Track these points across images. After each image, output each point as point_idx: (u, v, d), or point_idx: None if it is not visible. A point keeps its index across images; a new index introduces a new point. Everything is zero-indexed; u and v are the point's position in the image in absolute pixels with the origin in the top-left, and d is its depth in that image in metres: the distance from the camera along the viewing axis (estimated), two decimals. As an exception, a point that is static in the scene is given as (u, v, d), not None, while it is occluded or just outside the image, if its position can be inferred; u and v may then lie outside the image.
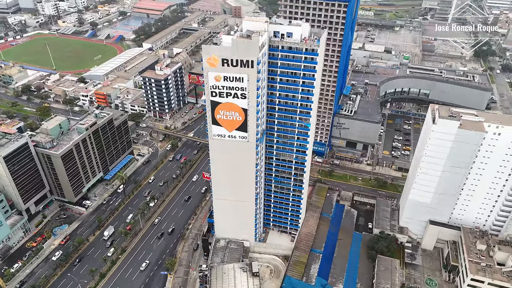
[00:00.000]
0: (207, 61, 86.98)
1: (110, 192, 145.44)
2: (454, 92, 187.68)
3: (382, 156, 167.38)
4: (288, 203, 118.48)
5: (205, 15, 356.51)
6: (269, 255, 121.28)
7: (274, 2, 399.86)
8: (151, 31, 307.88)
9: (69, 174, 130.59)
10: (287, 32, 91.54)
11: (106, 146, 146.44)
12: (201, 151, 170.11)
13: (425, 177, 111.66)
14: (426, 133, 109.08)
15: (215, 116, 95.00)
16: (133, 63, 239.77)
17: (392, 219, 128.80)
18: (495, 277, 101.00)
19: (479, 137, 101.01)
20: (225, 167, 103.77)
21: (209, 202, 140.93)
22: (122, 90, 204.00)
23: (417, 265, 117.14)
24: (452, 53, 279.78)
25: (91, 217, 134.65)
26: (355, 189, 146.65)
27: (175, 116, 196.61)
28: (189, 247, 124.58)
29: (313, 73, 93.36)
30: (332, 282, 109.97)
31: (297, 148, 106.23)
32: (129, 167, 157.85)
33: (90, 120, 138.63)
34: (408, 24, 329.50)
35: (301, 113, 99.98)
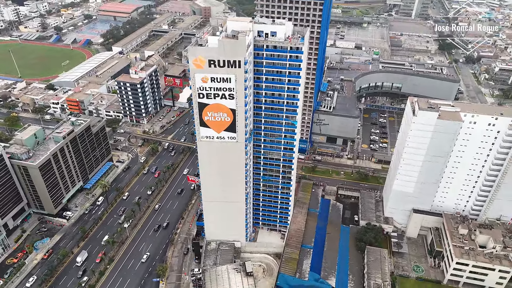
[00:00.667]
0: (193, 62, 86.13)
1: (92, 202, 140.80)
2: (425, 85, 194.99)
3: (361, 150, 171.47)
4: (277, 201, 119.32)
5: (174, 16, 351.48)
6: (261, 254, 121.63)
7: (242, 2, 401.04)
8: (120, 34, 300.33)
9: (48, 185, 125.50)
10: (271, 31, 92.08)
11: (84, 154, 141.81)
12: (183, 154, 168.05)
13: (408, 167, 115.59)
14: (406, 125, 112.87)
15: (203, 118, 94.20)
16: (104, 67, 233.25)
17: (377, 210, 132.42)
18: (478, 259, 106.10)
19: (456, 127, 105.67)
20: (214, 168, 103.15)
21: (195, 205, 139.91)
22: (95, 96, 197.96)
23: (403, 253, 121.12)
24: (418, 47, 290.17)
25: (74, 228, 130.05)
26: (339, 184, 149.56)
27: (152, 120, 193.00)
28: (179, 252, 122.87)
29: (299, 71, 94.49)
30: (325, 276, 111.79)
31: (285, 145, 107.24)
32: (109, 174, 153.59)
33: (67, 128, 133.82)
34: (375, 20, 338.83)
35: (287, 111, 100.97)
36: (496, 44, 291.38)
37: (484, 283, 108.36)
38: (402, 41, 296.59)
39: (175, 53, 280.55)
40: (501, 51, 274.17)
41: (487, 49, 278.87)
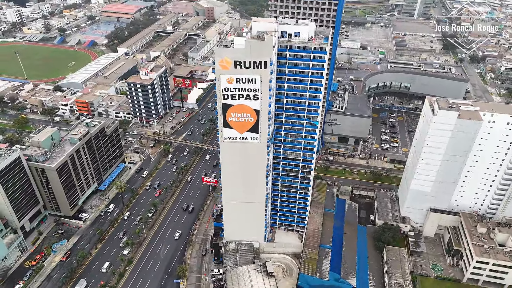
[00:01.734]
0: (219, 63, 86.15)
1: (107, 203, 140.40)
2: (434, 84, 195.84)
3: (372, 150, 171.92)
4: (295, 201, 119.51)
5: (178, 17, 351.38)
6: (279, 254, 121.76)
7: (244, 3, 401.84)
8: (125, 35, 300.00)
9: (64, 187, 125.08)
10: (294, 31, 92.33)
11: (99, 155, 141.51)
12: (195, 155, 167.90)
13: (426, 166, 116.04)
14: (425, 124, 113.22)
15: (226, 118, 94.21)
16: (111, 69, 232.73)
17: (393, 209, 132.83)
18: (499, 257, 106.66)
19: (476, 126, 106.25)
20: (236, 169, 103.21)
21: (210, 206, 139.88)
22: (104, 97, 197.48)
23: (421, 252, 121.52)
24: (422, 47, 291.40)
25: (90, 229, 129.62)
26: (352, 183, 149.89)
27: (162, 121, 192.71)
28: (197, 253, 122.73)
29: (322, 71, 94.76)
30: (345, 276, 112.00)
31: (305, 146, 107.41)
32: (122, 176, 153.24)
33: (82, 130, 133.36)
34: (379, 20, 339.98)
35: (309, 111, 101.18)
36: (500, 43, 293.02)
37: (504, 281, 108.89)
38: (406, 41, 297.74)
39: (180, 53, 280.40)
40: (505, 50, 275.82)
41: (491, 48, 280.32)
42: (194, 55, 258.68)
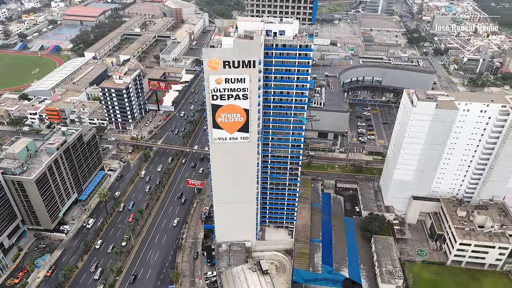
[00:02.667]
0: (208, 64, 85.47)
1: (89, 213, 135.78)
2: (404, 77, 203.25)
3: (351, 143, 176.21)
4: (284, 198, 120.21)
5: (145, 19, 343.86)
6: (271, 252, 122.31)
7: (211, 3, 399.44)
8: (91, 39, 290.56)
9: (44, 199, 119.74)
10: (279, 30, 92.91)
11: (78, 164, 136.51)
12: (176, 159, 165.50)
13: (408, 156, 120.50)
14: (405, 116, 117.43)
15: (216, 119, 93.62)
16: (80, 74, 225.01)
17: (377, 200, 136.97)
18: (479, 238, 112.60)
19: (453, 115, 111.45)
20: (227, 170, 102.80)
21: (197, 209, 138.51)
22: (76, 104, 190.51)
23: (406, 239, 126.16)
24: (389, 41, 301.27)
25: (74, 242, 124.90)
26: (335, 177, 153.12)
27: (139, 126, 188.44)
28: (188, 257, 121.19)
29: (307, 68, 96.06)
30: (337, 267, 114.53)
31: (292, 142, 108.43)
32: (102, 184, 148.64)
33: (59, 139, 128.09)
34: (345, 17, 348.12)
35: (296, 108, 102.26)
36: (460, 36, 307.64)
37: (485, 260, 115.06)
38: (373, 36, 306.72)
39: (151, 56, 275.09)
40: (465, 42, 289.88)
41: (452, 40, 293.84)
42: (165, 57, 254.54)
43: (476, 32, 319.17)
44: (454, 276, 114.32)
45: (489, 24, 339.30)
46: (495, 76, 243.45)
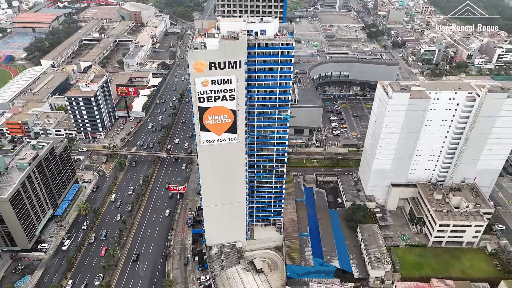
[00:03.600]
0: (194, 66, 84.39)
1: (67, 229, 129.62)
2: (369, 70, 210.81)
3: (326, 137, 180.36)
4: (270, 196, 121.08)
5: (102, 23, 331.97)
6: (261, 250, 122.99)
7: (170, 4, 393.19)
8: (46, 47, 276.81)
9: (19, 218, 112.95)
10: (260, 29, 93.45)
11: (51, 179, 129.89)
12: (153, 165, 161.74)
13: (386, 146, 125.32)
14: (381, 107, 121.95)
15: (203, 122, 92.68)
16: (40, 84, 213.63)
17: (358, 190, 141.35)
18: (457, 218, 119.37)
19: (426, 103, 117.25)
20: (216, 172, 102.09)
21: (182, 215, 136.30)
22: (39, 115, 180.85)
23: (389, 226, 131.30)
24: (349, 36, 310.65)
25: (55, 260, 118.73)
26: (315, 171, 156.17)
27: (110, 134, 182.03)
28: (178, 264, 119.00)
29: (290, 66, 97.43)
30: (328, 259, 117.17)
31: (278, 140, 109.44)
32: (78, 197, 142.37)
33: (30, 153, 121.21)
34: (306, 14, 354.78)
35: (280, 106, 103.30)
36: (414, 29, 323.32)
37: (462, 239, 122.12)
38: (334, 32, 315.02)
39: (113, 61, 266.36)
40: (420, 35, 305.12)
41: (408, 33, 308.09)
42: (130, 61, 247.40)
43: (429, 24, 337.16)
44: (436, 256, 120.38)
45: (439, 16, 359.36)
46: (450, 65, 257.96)
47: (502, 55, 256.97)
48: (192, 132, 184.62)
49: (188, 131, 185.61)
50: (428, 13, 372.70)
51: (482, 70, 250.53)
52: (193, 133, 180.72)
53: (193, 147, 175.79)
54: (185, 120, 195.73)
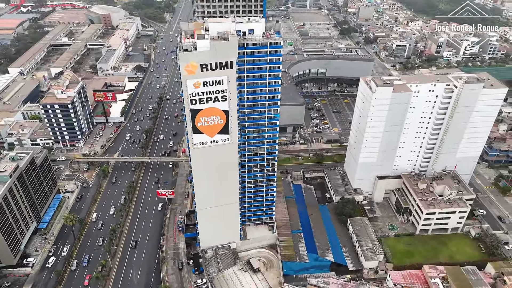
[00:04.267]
0: (185, 69, 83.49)
1: (52, 241, 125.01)
2: (345, 67, 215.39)
3: (308, 134, 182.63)
4: (262, 195, 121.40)
5: (70, 27, 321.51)
6: (255, 250, 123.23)
7: (140, 6, 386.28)
8: (12, 53, 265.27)
9: (3, 233, 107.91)
10: (248, 29, 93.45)
11: (33, 190, 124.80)
12: (137, 170, 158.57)
13: (371, 139, 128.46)
14: (365, 102, 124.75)
15: (195, 124, 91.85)
16: (10, 92, 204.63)
17: (345, 184, 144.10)
18: (442, 206, 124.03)
19: (408, 97, 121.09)
20: (209, 174, 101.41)
21: (171, 219, 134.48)
22: (12, 125, 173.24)
23: (377, 217, 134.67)
24: (322, 34, 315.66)
25: (43, 274, 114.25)
26: (301, 168, 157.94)
27: (89, 141, 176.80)
28: (173, 269, 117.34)
29: (279, 65, 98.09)
30: (322, 254, 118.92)
31: (268, 139, 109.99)
32: (62, 207, 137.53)
33: (10, 165, 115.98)
34: (278, 13, 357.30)
35: (269, 105, 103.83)
36: (383, 25, 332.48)
37: (447, 225, 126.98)
38: (308, 30, 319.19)
39: (85, 66, 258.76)
40: (390, 30, 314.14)
41: (379, 29, 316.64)
42: (103, 66, 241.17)
43: (397, 20, 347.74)
44: (424, 244, 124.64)
45: (406, 12, 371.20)
46: (420, 59, 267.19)
47: (468, 48, 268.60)
48: (176, 131, 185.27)
49: (172, 127, 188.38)
50: (395, 9, 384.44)
51: (450, 63, 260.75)
52: (177, 132, 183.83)
53: (178, 146, 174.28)
54: (168, 117, 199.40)
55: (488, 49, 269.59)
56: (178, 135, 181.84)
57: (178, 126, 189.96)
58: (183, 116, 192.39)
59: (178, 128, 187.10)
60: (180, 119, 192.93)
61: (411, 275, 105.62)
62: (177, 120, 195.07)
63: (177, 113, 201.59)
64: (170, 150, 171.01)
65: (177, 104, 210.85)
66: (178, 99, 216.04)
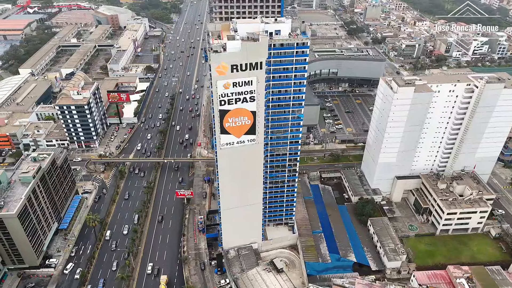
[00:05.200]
0: (216, 70, 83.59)
1: (74, 241, 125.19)
2: (357, 67, 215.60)
3: (322, 134, 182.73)
4: (283, 195, 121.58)
5: (78, 28, 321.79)
6: (276, 250, 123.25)
7: (146, 7, 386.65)
8: (22, 54, 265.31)
9: (28, 234, 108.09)
10: (275, 30, 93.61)
11: (54, 191, 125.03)
12: (154, 171, 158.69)
13: (391, 140, 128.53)
14: (386, 102, 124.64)
15: (223, 125, 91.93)
16: (22, 93, 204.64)
17: (363, 184, 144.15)
18: (463, 206, 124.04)
19: (429, 97, 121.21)
20: (234, 174, 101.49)
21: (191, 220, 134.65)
22: (27, 126, 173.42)
23: (397, 217, 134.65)
24: (330, 34, 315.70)
25: (66, 274, 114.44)
26: (317, 168, 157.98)
27: (104, 142, 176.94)
28: (195, 269, 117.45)
29: (305, 65, 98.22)
30: (344, 254, 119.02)
31: (291, 139, 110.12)
32: (81, 208, 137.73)
33: (33, 166, 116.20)
34: (285, 13, 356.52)
35: (294, 105, 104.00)
36: (391, 25, 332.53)
37: (468, 225, 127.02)
38: (315, 30, 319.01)
39: (95, 67, 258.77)
40: (398, 30, 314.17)
41: (387, 29, 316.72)
42: (114, 66, 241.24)
43: (404, 20, 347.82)
44: (444, 244, 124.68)
45: (413, 12, 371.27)
46: (430, 59, 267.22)
47: (477, 48, 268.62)
48: (191, 125, 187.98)
49: (187, 120, 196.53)
50: (402, 9, 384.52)
51: (460, 63, 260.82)
52: (192, 126, 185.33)
53: (194, 140, 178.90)
54: (182, 109, 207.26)
55: (497, 49, 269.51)
56: (193, 129, 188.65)
57: (192, 120, 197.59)
58: (196, 111, 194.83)
59: (193, 122, 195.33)
60: (194, 114, 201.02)
61: (435, 275, 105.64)
62: (191, 114, 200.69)
63: (191, 107, 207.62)
64: (186, 143, 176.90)
65: (190, 100, 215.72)
66: (191, 95, 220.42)
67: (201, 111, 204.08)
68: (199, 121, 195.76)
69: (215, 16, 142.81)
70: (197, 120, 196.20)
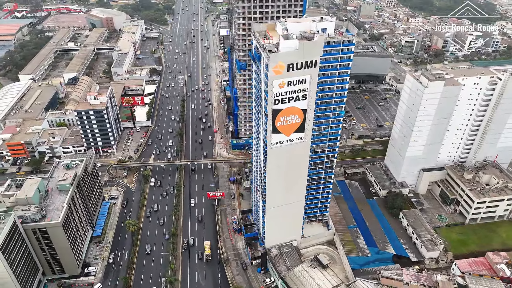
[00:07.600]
0: (273, 69, 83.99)
1: (109, 248, 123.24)
2: (364, 63, 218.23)
3: (346, 130, 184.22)
4: (318, 192, 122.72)
5: (72, 31, 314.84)
6: (314, 246, 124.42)
7: (138, 9, 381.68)
8: (18, 60, 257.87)
9: (70, 242, 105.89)
10: (321, 28, 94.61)
11: (88, 198, 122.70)
12: (178, 173, 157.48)
13: (420, 133, 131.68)
14: (417, 96, 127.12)
15: (275, 124, 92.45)
16: (29, 100, 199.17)
17: (389, 178, 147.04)
18: (492, 195, 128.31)
19: (458, 90, 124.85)
20: (281, 173, 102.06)
21: (223, 220, 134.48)
22: (41, 134, 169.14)
23: (425, 208, 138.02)
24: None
25: (107, 281, 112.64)
26: (341, 164, 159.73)
27: (120, 146, 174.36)
28: (237, 270, 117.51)
29: (349, 62, 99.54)
30: (382, 247, 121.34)
31: (330, 137, 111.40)
32: (111, 214, 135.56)
33: (69, 173, 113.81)
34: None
35: (335, 102, 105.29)
36: (385, 21, 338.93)
37: (495, 213, 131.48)
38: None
39: (97, 71, 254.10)
40: (393, 27, 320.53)
41: (382, 26, 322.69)
42: (118, 70, 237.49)
43: (397, 17, 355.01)
44: (475, 232, 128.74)
45: (404, 9, 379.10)
46: (428, 54, 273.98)
47: (473, 42, 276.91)
48: (206, 111, 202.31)
49: (201, 110, 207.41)
50: (393, 6, 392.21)
51: (458, 57, 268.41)
52: (207, 112, 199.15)
53: (211, 124, 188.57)
54: (194, 106, 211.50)
55: (491, 43, 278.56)
56: (208, 116, 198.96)
57: (206, 108, 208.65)
58: (208, 101, 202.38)
59: (208, 110, 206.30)
60: (207, 103, 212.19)
61: (476, 263, 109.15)
62: (204, 103, 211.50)
63: (203, 95, 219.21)
64: (204, 126, 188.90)
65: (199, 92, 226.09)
66: (201, 88, 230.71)
67: (212, 99, 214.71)
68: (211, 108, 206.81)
69: (237, 16, 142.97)
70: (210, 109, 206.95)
